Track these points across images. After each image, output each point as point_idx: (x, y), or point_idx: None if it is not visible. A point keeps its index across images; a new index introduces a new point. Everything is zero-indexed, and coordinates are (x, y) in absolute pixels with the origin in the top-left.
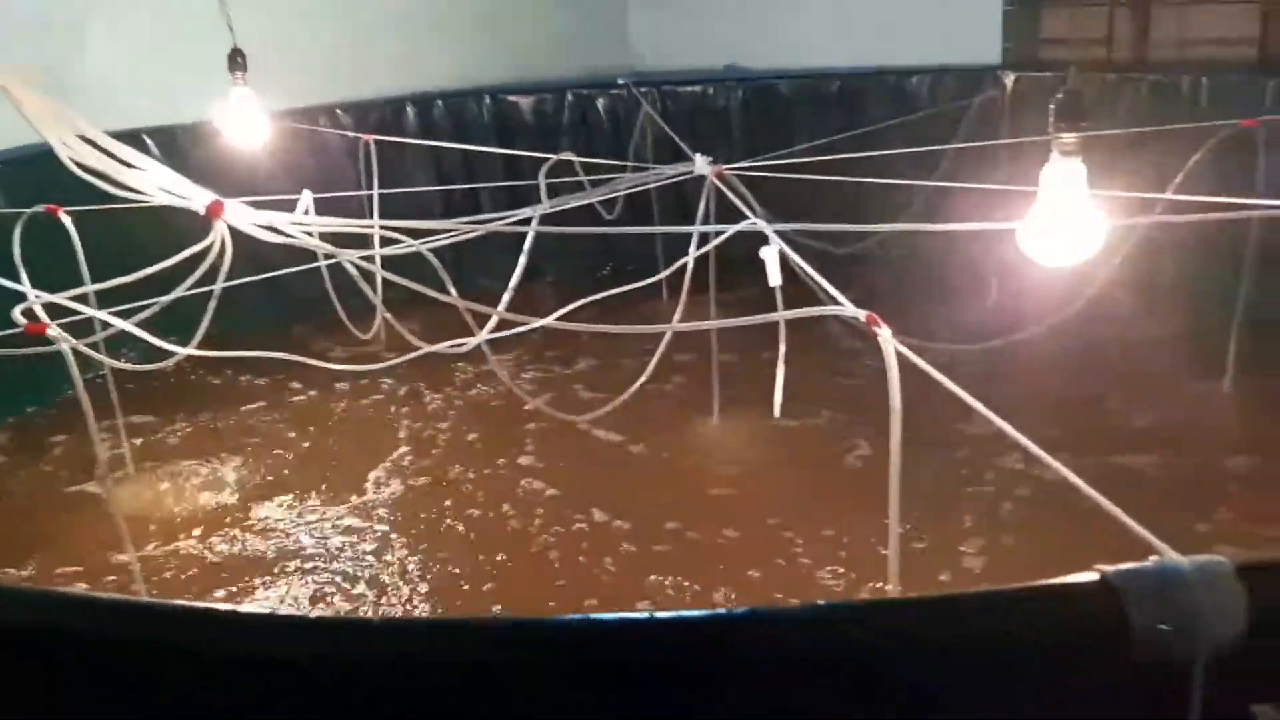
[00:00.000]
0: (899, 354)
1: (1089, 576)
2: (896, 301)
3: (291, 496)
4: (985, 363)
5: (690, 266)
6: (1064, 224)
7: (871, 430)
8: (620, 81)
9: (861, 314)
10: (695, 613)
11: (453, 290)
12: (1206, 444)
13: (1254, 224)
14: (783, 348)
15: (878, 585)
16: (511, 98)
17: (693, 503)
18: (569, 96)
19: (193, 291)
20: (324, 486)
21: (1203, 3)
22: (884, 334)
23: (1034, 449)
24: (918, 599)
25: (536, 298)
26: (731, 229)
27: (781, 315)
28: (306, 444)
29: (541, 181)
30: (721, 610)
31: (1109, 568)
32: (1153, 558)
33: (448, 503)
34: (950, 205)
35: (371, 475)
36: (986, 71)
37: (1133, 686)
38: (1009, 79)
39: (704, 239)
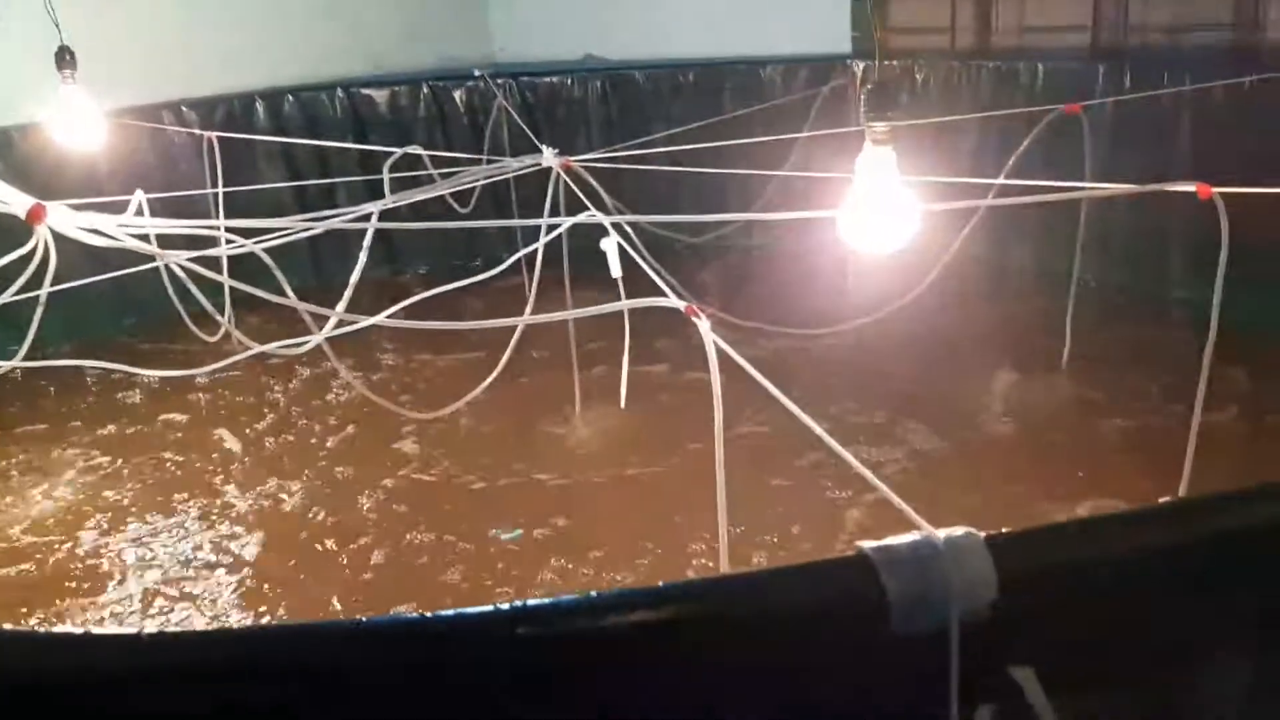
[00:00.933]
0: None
1: (849, 553)
2: (753, 289)
3: (130, 509)
4: (831, 348)
5: (540, 258)
6: (877, 210)
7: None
8: (477, 73)
9: (682, 304)
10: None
11: (289, 291)
12: (1035, 419)
13: (1084, 206)
14: (627, 340)
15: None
16: (365, 91)
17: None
18: (425, 89)
19: (19, 297)
20: (159, 498)
21: None
22: (703, 325)
23: (826, 439)
24: (681, 584)
25: (405, 291)
26: (569, 221)
27: (599, 310)
28: (147, 454)
29: (385, 176)
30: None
31: (868, 544)
32: (913, 533)
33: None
34: (804, 193)
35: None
36: (837, 60)
37: (893, 657)
38: (858, 67)
39: (551, 231)
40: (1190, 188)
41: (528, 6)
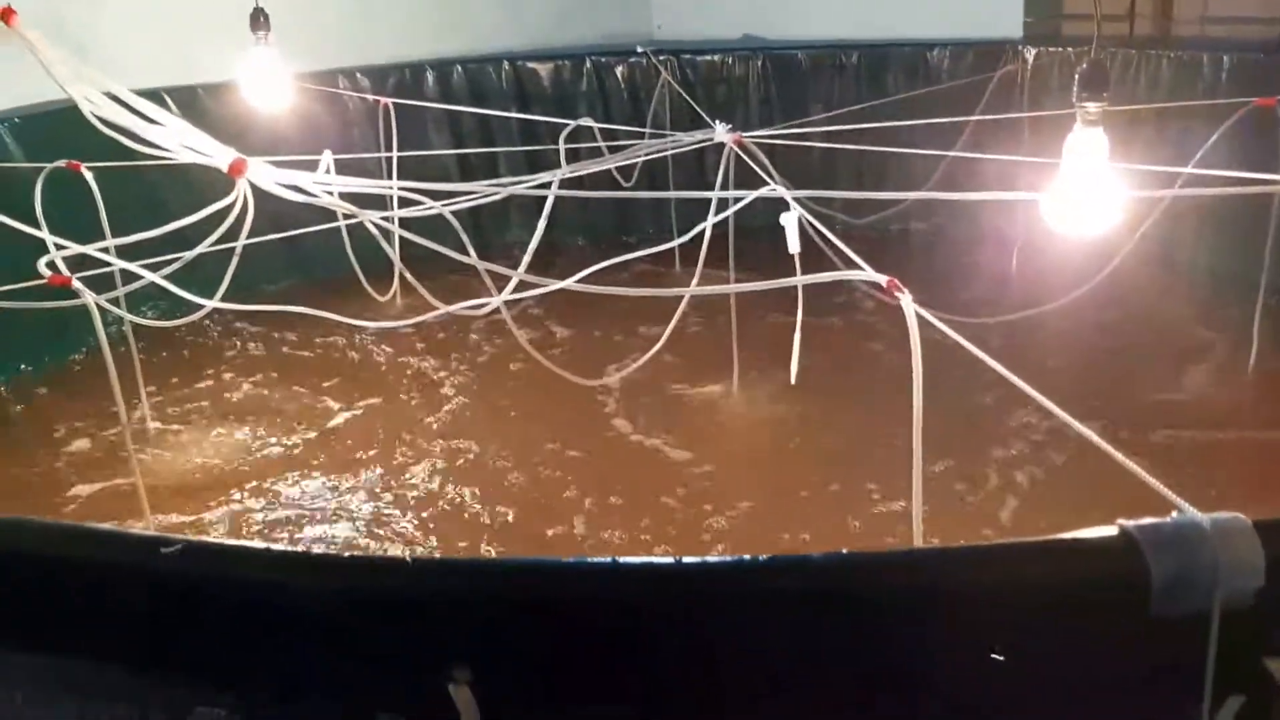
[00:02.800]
0: (921, 320)
1: (1109, 530)
2: (915, 273)
3: (312, 464)
4: (1006, 336)
5: (708, 234)
6: (1086, 193)
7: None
8: (639, 50)
9: (882, 279)
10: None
11: (472, 251)
12: (1229, 422)
13: (1276, 202)
14: (799, 315)
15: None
16: (530, 64)
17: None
18: (587, 64)
19: (215, 249)
20: (340, 451)
21: None
22: (905, 299)
23: (1057, 410)
24: (942, 549)
25: (558, 263)
26: (752, 194)
27: (801, 280)
28: (322, 407)
29: (561, 146)
30: (740, 558)
31: (1130, 522)
32: (1173, 514)
33: (465, 466)
34: (969, 179)
35: (389, 438)
36: (1007, 45)
37: (1150, 638)
38: (1030, 54)
39: (722, 206)
40: None
41: None
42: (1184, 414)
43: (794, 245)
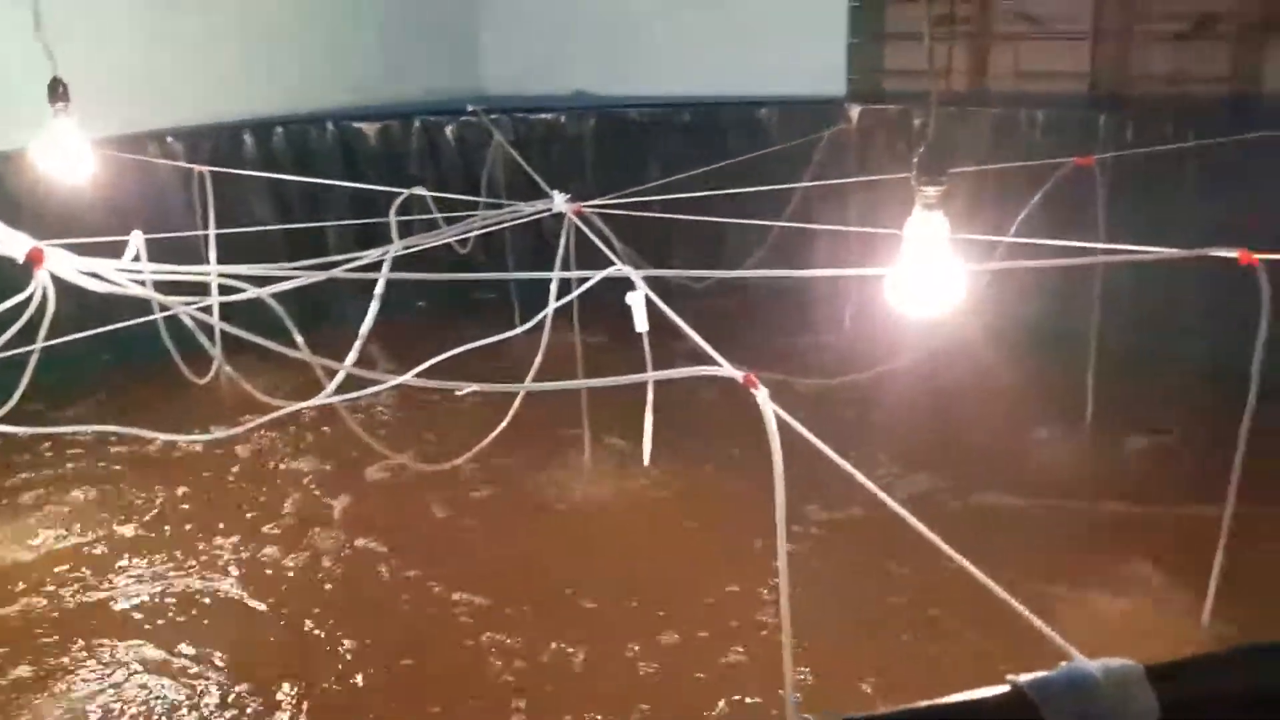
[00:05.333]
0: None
1: (1002, 688)
2: (754, 333)
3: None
4: (845, 398)
5: (549, 320)
6: (929, 278)
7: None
8: (470, 108)
9: (739, 374)
10: None
11: (300, 340)
12: (1070, 487)
13: (1101, 268)
14: (650, 396)
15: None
16: (357, 124)
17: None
18: (416, 123)
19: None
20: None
21: (1036, 38)
22: (762, 395)
23: (932, 537)
24: None
25: (398, 330)
26: (596, 275)
27: (652, 375)
28: (139, 509)
29: (393, 220)
30: None
31: (1021, 677)
32: (1062, 663)
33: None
34: (805, 236)
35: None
36: (833, 103)
37: None
38: (854, 111)
39: (565, 282)
40: (1232, 254)
41: (517, 40)
42: (1016, 475)
43: (640, 325)
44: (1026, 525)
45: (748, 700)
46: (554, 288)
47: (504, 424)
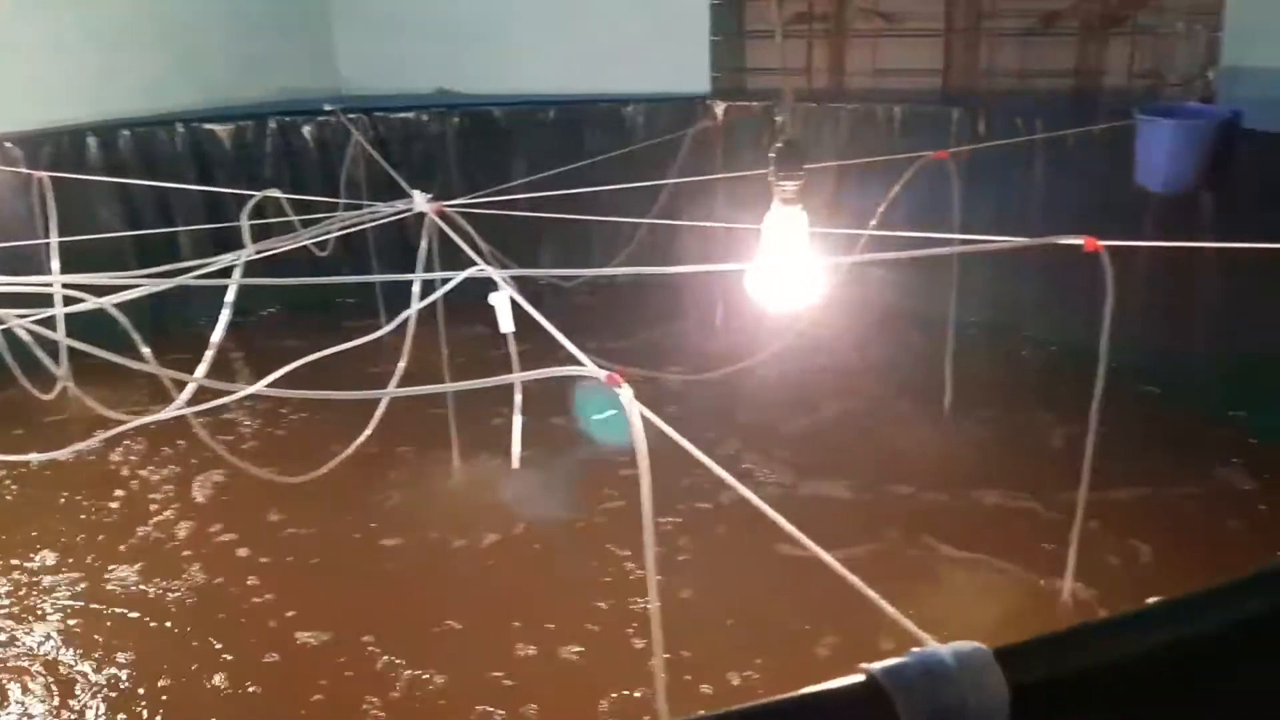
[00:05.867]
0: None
1: (856, 678)
2: (625, 329)
3: None
4: (713, 393)
5: (413, 321)
6: (789, 271)
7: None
8: (328, 108)
9: (603, 374)
10: None
11: (147, 352)
12: (929, 473)
13: (956, 257)
14: (518, 399)
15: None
16: (208, 126)
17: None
18: (271, 124)
19: None
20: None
21: (891, 35)
22: (625, 394)
23: (786, 525)
24: None
25: (253, 335)
26: (458, 276)
27: (513, 378)
28: None
29: (244, 224)
30: None
31: (874, 666)
32: (915, 649)
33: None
34: (674, 231)
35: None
36: (698, 100)
37: None
38: (719, 108)
39: (428, 283)
40: (1078, 241)
41: (376, 38)
42: (878, 463)
43: (505, 325)
44: (887, 511)
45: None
46: (416, 289)
47: (367, 432)
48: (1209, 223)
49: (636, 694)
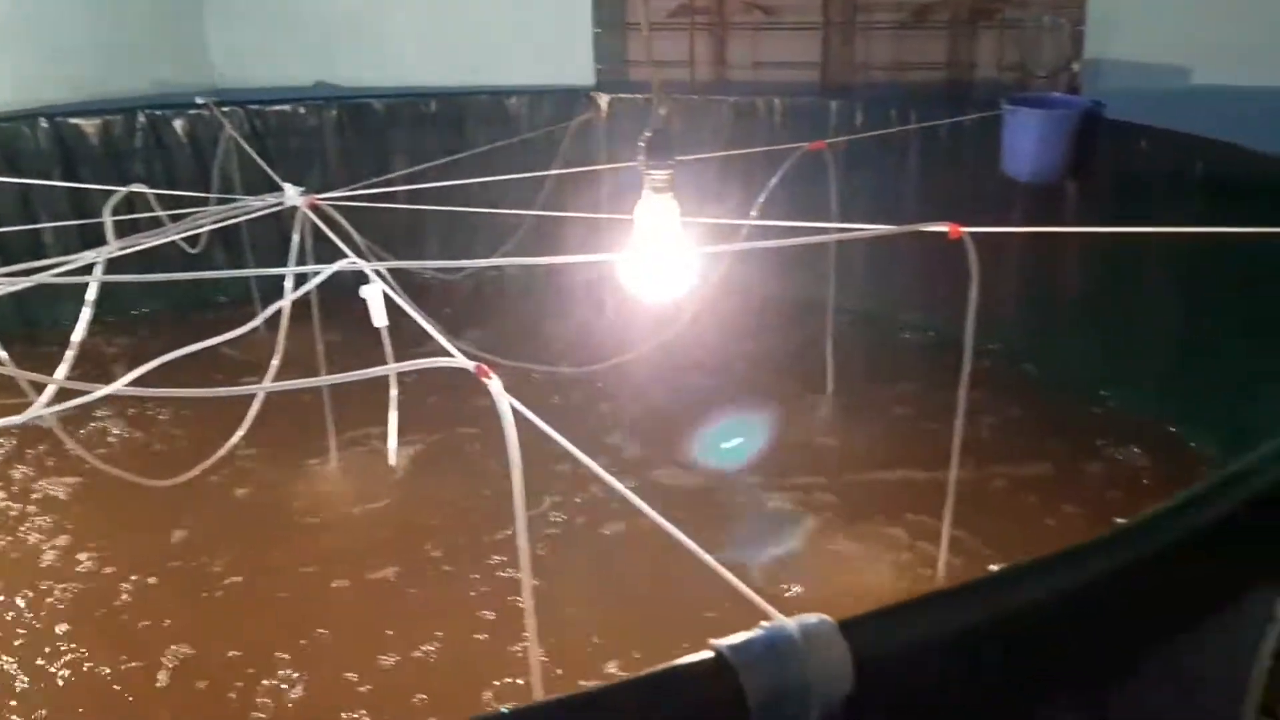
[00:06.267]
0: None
1: (704, 655)
2: (512, 324)
3: None
4: (601, 383)
5: (286, 312)
6: (661, 261)
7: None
8: (199, 100)
9: (471, 365)
10: None
11: (3, 355)
12: (810, 458)
13: (833, 245)
14: (394, 392)
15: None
16: (74, 121)
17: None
18: (141, 118)
19: None
20: None
21: (770, 28)
22: (495, 386)
23: (637, 502)
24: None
25: (127, 335)
26: (327, 270)
27: (388, 369)
28: None
29: (107, 219)
30: None
31: (722, 642)
32: (763, 623)
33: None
34: (561, 223)
35: None
36: (582, 92)
37: None
38: (603, 100)
39: (300, 278)
40: (943, 228)
41: (250, 29)
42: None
43: (378, 319)
44: (772, 493)
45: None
46: (289, 284)
47: (240, 433)
48: (1074, 210)
49: (519, 681)
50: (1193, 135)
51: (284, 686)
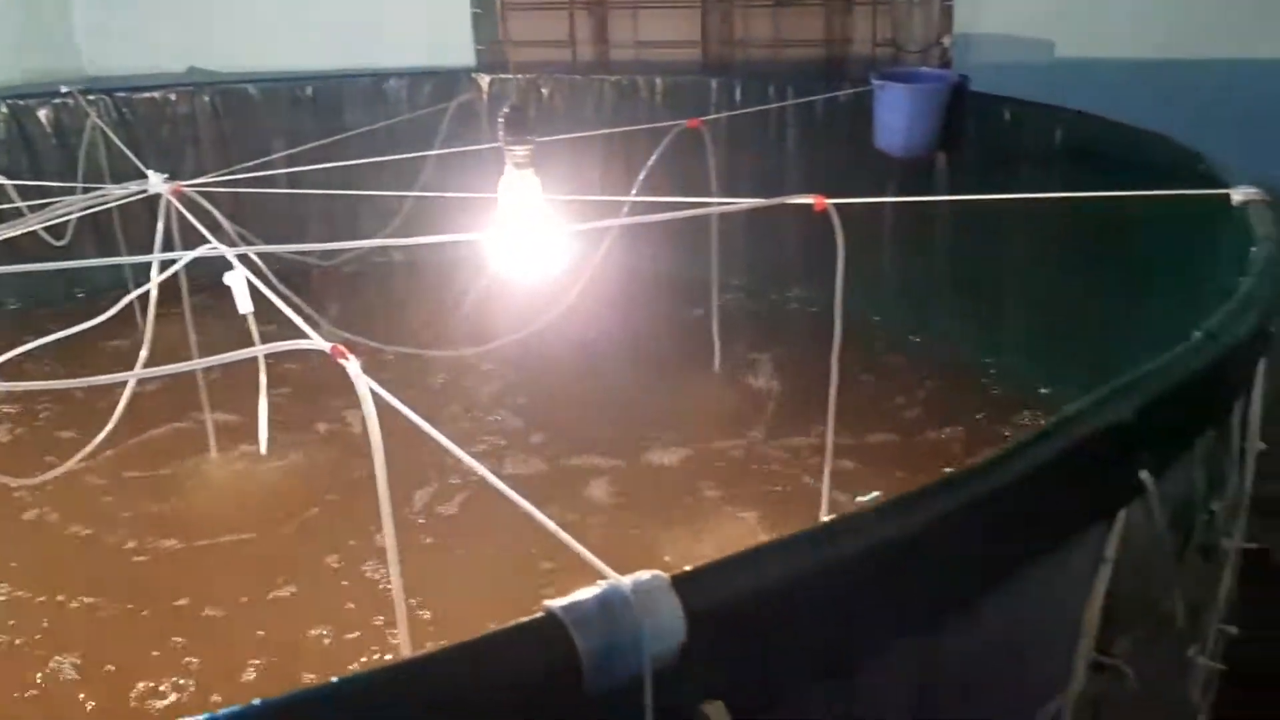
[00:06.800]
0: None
1: (536, 615)
2: (392, 309)
3: None
4: (484, 365)
5: (154, 294)
6: (525, 234)
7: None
8: (64, 89)
9: (326, 346)
10: None
11: None
12: (698, 426)
13: (714, 218)
14: (263, 380)
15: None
16: None
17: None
18: (3, 108)
19: None
20: None
21: (651, 7)
22: (353, 367)
23: (489, 476)
24: (369, 674)
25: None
26: (186, 257)
27: (237, 355)
28: None
29: None
30: None
31: (555, 602)
32: (600, 582)
33: None
34: (440, 208)
35: None
36: (462, 73)
37: (588, 714)
38: (484, 80)
39: (163, 266)
40: (809, 200)
41: (119, 16)
42: (653, 420)
43: (243, 305)
44: (662, 467)
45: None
46: (155, 273)
47: (110, 426)
48: (945, 182)
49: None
50: (1053, 106)
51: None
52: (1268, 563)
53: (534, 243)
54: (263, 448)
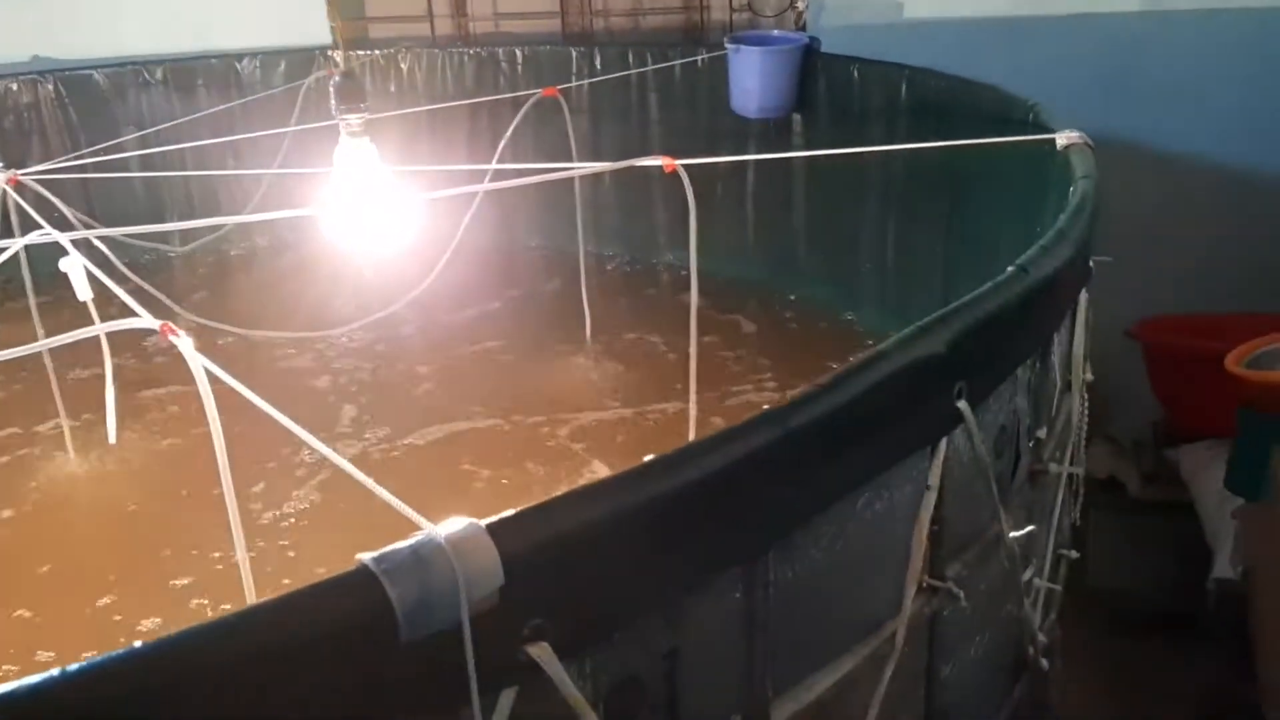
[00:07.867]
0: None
1: (350, 569)
2: (256, 294)
3: None
4: (353, 345)
5: None
6: (363, 205)
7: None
8: None
9: (155, 324)
10: None
11: None
12: (567, 397)
13: (576, 184)
14: (109, 364)
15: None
16: None
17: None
18: None
19: None
20: None
21: None
22: (183, 344)
23: (317, 444)
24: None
25: None
26: (18, 244)
27: (72, 336)
28: None
29: None
30: None
31: (369, 554)
32: (417, 533)
33: None
34: (299, 189)
35: None
36: (318, 51)
37: (409, 664)
38: (338, 57)
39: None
40: (658, 162)
41: None
42: (521, 394)
43: (82, 293)
44: (528, 438)
45: None
46: None
47: None
48: (800, 141)
49: None
50: (898, 64)
51: None
52: (1125, 494)
53: (372, 213)
54: (110, 437)
